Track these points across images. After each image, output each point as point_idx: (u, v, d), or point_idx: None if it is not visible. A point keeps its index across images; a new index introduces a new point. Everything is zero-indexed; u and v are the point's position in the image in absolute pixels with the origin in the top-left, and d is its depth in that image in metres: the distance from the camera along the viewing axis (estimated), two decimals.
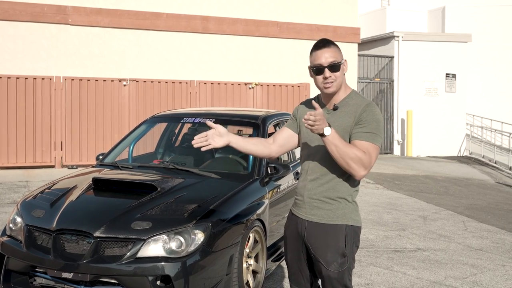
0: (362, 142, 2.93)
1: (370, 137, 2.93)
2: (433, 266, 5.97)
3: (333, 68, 2.99)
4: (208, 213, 4.23)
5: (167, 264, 3.86)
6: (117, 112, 12.48)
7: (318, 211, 3.06)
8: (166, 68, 13.82)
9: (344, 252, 3.01)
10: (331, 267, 3.01)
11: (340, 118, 3.03)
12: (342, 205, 3.04)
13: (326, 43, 3.05)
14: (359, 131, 2.95)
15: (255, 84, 13.89)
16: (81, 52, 13.08)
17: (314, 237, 3.07)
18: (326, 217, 3.04)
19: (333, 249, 3.01)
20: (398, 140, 18.04)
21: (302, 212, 3.14)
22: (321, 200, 3.05)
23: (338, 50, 3.06)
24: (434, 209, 9.20)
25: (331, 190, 3.03)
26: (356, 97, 3.10)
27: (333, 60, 2.99)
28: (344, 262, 3.02)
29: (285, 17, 15.30)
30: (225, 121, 6.26)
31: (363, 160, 2.86)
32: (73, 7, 12.98)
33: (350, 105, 3.05)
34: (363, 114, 2.97)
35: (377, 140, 2.95)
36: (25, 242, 4.13)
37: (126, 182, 4.76)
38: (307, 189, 3.11)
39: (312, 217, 3.08)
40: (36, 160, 11.80)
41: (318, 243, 3.05)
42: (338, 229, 3.03)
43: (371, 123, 2.95)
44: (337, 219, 3.03)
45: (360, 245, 3.20)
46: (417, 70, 17.99)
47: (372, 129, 2.94)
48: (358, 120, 2.96)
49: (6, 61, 12.39)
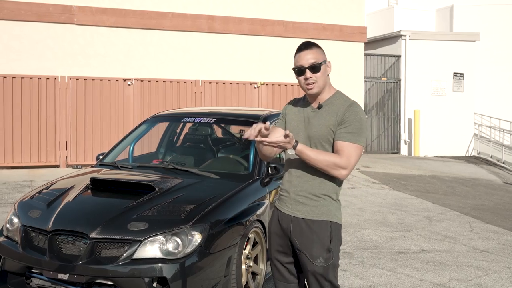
0: (343, 142, 3.03)
1: (351, 137, 3.02)
2: (437, 268, 5.88)
3: (313, 69, 3.09)
4: (206, 214, 4.17)
5: (164, 266, 3.81)
6: (122, 112, 12.46)
7: (303, 207, 3.13)
8: (172, 68, 13.79)
9: (329, 247, 3.09)
10: (317, 262, 3.08)
11: (323, 116, 3.12)
12: (327, 202, 3.12)
13: (308, 45, 3.14)
14: (341, 131, 3.04)
15: (261, 84, 13.83)
16: (87, 51, 13.06)
17: (299, 232, 3.13)
18: (312, 213, 3.11)
19: (318, 244, 3.09)
20: (405, 140, 17.92)
21: (287, 208, 3.21)
22: (307, 197, 3.12)
23: (320, 52, 3.15)
24: (440, 210, 9.10)
25: (316, 187, 3.11)
26: (341, 97, 3.18)
27: (313, 62, 3.09)
28: (329, 257, 3.10)
29: (291, 16, 15.23)
30: (226, 120, 6.23)
31: (338, 163, 2.99)
32: (79, 7, 12.97)
33: (334, 104, 3.13)
34: (346, 114, 3.05)
35: (359, 140, 3.04)
36: (21, 243, 4.09)
37: (123, 182, 4.71)
38: (293, 185, 3.17)
39: (297, 213, 3.15)
40: (41, 159, 11.79)
41: (304, 239, 3.11)
42: (323, 225, 3.10)
43: (353, 123, 3.04)
44: (322, 216, 3.10)
45: (363, 246, 3.22)
46: (425, 70, 17.86)
47: (354, 129, 3.03)
48: (341, 120, 3.05)
49: (12, 61, 12.39)
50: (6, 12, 12.39)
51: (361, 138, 3.04)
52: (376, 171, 13.09)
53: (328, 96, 3.17)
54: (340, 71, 15.87)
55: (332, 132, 3.06)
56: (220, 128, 6.63)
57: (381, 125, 17.73)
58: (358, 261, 5.98)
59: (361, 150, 3.04)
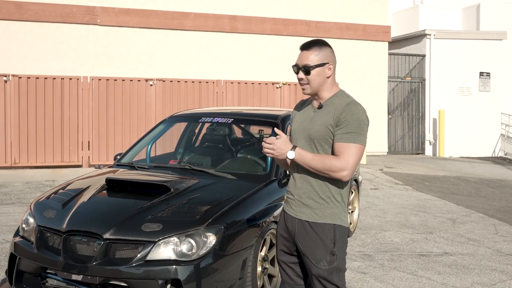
0: (340, 143, 2.98)
1: (349, 137, 2.97)
2: (460, 271, 5.75)
3: (305, 71, 3.07)
4: (221, 215, 4.12)
5: (178, 268, 3.77)
6: (143, 112, 12.49)
7: (307, 209, 3.09)
8: (194, 68, 13.79)
9: (332, 251, 3.04)
10: (320, 265, 3.04)
11: (322, 116, 3.08)
12: (331, 205, 3.07)
13: (308, 45, 3.10)
14: (339, 132, 2.99)
15: (283, 84, 13.75)
16: (109, 52, 13.14)
17: (303, 235, 3.09)
18: (315, 215, 3.07)
19: (322, 247, 3.04)
20: (429, 140, 17.67)
21: (292, 210, 3.17)
22: (311, 199, 3.08)
23: (320, 53, 3.07)
24: (464, 212, 8.92)
25: (320, 189, 3.06)
26: (342, 97, 3.11)
27: (305, 63, 3.06)
28: (333, 260, 3.05)
29: (314, 16, 15.12)
30: (244, 120, 6.18)
31: (336, 165, 2.94)
32: (102, 8, 13.05)
33: (334, 104, 3.08)
34: (342, 114, 3.00)
35: (359, 139, 2.98)
36: (36, 243, 4.09)
37: (139, 183, 4.69)
38: (297, 187, 3.14)
39: (301, 215, 3.11)
40: (64, 159, 11.88)
41: (307, 241, 3.07)
42: (326, 228, 3.05)
43: (350, 122, 2.98)
44: (325, 218, 3.05)
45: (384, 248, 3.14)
46: (450, 69, 17.58)
47: (352, 128, 2.97)
48: (338, 120, 3.00)
49: (36, 62, 12.52)
50: (31, 13, 12.52)
51: (360, 137, 2.98)
52: (399, 172, 12.92)
53: (330, 95, 3.12)
54: (363, 71, 15.74)
55: (330, 132, 3.02)
56: (239, 128, 6.58)
57: (405, 125, 17.51)
58: (378, 264, 5.88)
59: (361, 149, 2.98)
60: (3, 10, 12.31)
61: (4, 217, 7.66)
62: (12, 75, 11.60)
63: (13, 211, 8.02)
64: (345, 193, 3.12)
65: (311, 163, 2.98)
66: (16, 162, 11.56)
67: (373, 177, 11.91)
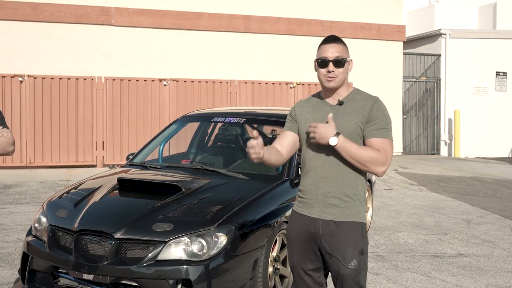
0: (376, 139, 2.98)
1: (383, 133, 2.99)
2: (474, 273, 5.68)
3: (337, 63, 3.03)
4: (232, 215, 4.11)
5: (188, 268, 3.76)
6: (157, 112, 12.53)
7: (334, 209, 3.02)
8: (208, 68, 13.80)
9: (362, 249, 3.01)
10: (350, 265, 2.98)
11: (347, 113, 3.04)
12: (357, 203, 3.04)
13: (335, 39, 3.09)
14: (372, 128, 2.99)
15: (297, 84, 13.72)
16: (124, 52, 13.19)
17: (330, 235, 3.02)
18: (343, 214, 3.01)
19: (352, 246, 2.99)
20: (445, 140, 17.51)
21: (314, 211, 3.06)
22: (338, 198, 3.01)
23: (345, 48, 3.09)
24: (479, 213, 8.83)
25: (346, 187, 3.02)
26: (361, 93, 3.12)
27: (338, 55, 3.03)
28: (362, 260, 3.01)
29: (328, 16, 15.06)
30: (256, 120, 6.16)
31: (378, 159, 2.94)
32: (116, 8, 13.11)
33: (356, 100, 3.06)
34: (373, 111, 3.00)
35: (390, 135, 3.02)
36: (48, 243, 4.11)
37: (150, 183, 4.69)
38: (320, 187, 3.04)
39: (327, 215, 3.03)
40: (78, 159, 11.96)
41: (335, 241, 3.00)
42: (355, 226, 3.02)
43: (382, 118, 3.00)
44: (354, 217, 3.02)
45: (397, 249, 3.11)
46: (466, 69, 17.41)
47: (384, 124, 2.99)
48: (369, 117, 2.99)
49: (51, 62, 12.60)
50: (46, 14, 12.60)
51: (391, 133, 3.03)
52: (414, 172, 12.82)
53: (347, 92, 3.10)
54: (378, 70, 15.65)
55: (360, 129, 2.98)
56: (252, 128, 6.56)
57: (420, 125, 17.38)
58: (391, 265, 5.83)
59: (392, 144, 3.01)
60: (19, 11, 12.40)
61: (18, 216, 7.72)
62: (28, 76, 11.70)
63: (28, 211, 8.08)
64: (364, 192, 3.12)
65: (354, 152, 2.90)
66: (31, 162, 11.65)
67: (387, 178, 11.84)
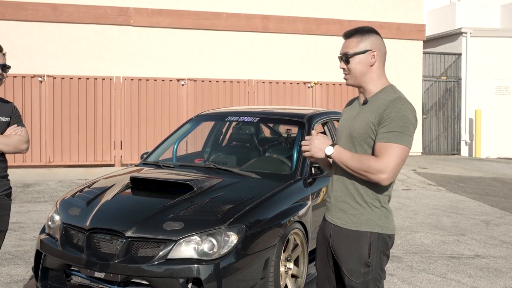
0: (380, 143, 2.71)
1: (391, 137, 2.68)
2: (492, 274, 5.59)
3: (345, 59, 2.87)
4: (244, 214, 4.09)
5: (199, 267, 3.75)
6: (175, 112, 12.58)
7: (343, 214, 2.86)
8: (226, 68, 13.81)
9: (367, 262, 2.78)
10: (353, 277, 2.80)
11: (365, 113, 2.83)
12: (368, 211, 2.80)
13: (349, 33, 2.91)
14: (381, 131, 2.72)
15: (314, 83, 13.66)
16: (142, 52, 13.26)
17: (337, 243, 2.87)
18: (350, 222, 2.83)
19: (356, 257, 2.80)
20: (465, 140, 17.31)
21: (329, 215, 2.96)
22: (347, 203, 2.84)
23: (362, 40, 2.85)
24: (498, 214, 8.70)
25: (356, 193, 2.82)
26: (388, 91, 2.84)
27: (345, 51, 2.87)
28: (367, 272, 2.79)
29: (347, 15, 14.98)
30: (270, 119, 6.14)
31: (374, 166, 2.67)
32: (135, 9, 13.18)
33: (379, 100, 2.81)
34: (385, 111, 2.72)
35: (402, 139, 2.68)
36: (60, 241, 4.13)
37: (163, 182, 4.69)
38: (334, 189, 2.92)
39: (337, 220, 2.89)
40: (97, 158, 12.05)
41: (341, 250, 2.85)
42: (361, 236, 2.80)
43: (394, 121, 2.69)
44: (361, 226, 2.80)
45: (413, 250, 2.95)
46: (487, 68, 17.19)
47: (395, 127, 2.68)
48: (381, 118, 2.73)
49: (71, 62, 12.71)
50: (66, 15, 12.72)
51: (404, 137, 2.66)
52: (433, 173, 12.69)
53: (377, 89, 2.86)
54: (397, 70, 15.52)
55: (372, 131, 2.75)
56: (266, 127, 6.55)
57: (441, 125, 17.20)
58: (406, 266, 5.77)
59: (404, 150, 2.67)
60: (39, 12, 12.53)
61: (36, 214, 7.80)
62: (47, 76, 11.82)
63: (46, 209, 8.16)
64: (385, 198, 2.83)
65: (348, 162, 2.73)
66: (51, 161, 11.77)
67: (405, 178, 11.73)
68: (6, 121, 3.75)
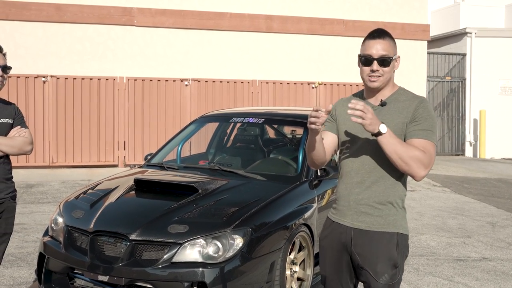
0: (419, 140, 2.72)
1: (427, 135, 2.73)
2: (499, 278, 5.54)
3: (382, 62, 2.79)
4: (249, 217, 4.05)
5: (204, 270, 3.72)
6: (178, 112, 12.54)
7: (367, 217, 2.81)
8: (230, 68, 13.76)
9: (396, 263, 2.78)
10: (381, 279, 2.77)
11: (390, 114, 2.80)
12: (393, 211, 2.80)
13: (381, 34, 2.85)
14: (415, 128, 2.74)
15: (319, 84, 13.61)
16: (146, 53, 13.21)
17: (361, 246, 2.81)
18: (376, 224, 2.79)
19: (384, 259, 2.77)
20: (470, 141, 17.23)
21: (347, 219, 2.87)
22: (370, 205, 2.79)
23: (392, 44, 2.85)
24: (504, 215, 8.63)
25: (380, 194, 2.79)
26: (406, 93, 2.88)
27: (384, 54, 2.79)
28: (395, 274, 2.79)
29: (351, 15, 14.91)
30: (275, 120, 6.10)
31: (423, 159, 2.67)
32: (138, 9, 13.14)
33: (400, 101, 2.83)
34: (418, 111, 2.76)
35: (434, 138, 2.75)
36: (64, 243, 4.10)
37: (167, 184, 4.65)
38: (353, 193, 2.84)
39: (359, 224, 2.82)
40: (100, 159, 12.02)
41: (367, 253, 2.79)
42: (389, 237, 2.78)
43: (427, 119, 2.75)
44: (388, 227, 2.79)
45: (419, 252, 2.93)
46: (492, 68, 17.11)
47: (428, 126, 2.74)
48: (413, 117, 2.76)
49: (74, 62, 12.68)
50: (69, 15, 12.69)
51: (435, 137, 2.76)
52: (437, 174, 12.62)
53: (391, 92, 2.87)
54: (402, 70, 15.44)
55: (401, 132, 2.76)
56: (271, 128, 6.50)
57: (445, 126, 17.13)
58: (413, 268, 5.72)
59: (436, 148, 2.76)
60: (43, 12, 12.50)
61: (39, 215, 7.76)
62: (51, 76, 11.79)
63: (49, 210, 8.12)
64: (404, 198, 2.87)
65: (399, 146, 2.62)
66: (54, 162, 11.74)
67: (409, 179, 11.58)
68: (10, 123, 3.72)
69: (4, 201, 3.64)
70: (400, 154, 2.64)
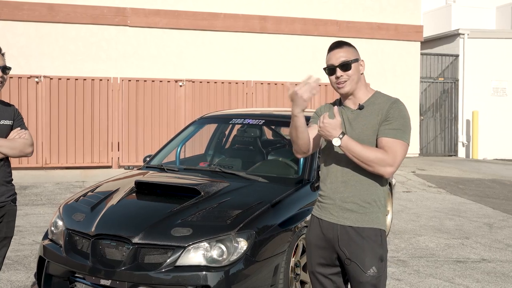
0: (387, 139, 2.90)
1: (396, 134, 2.90)
2: (499, 279, 5.53)
3: (344, 67, 2.98)
4: (253, 219, 4.01)
5: (208, 274, 3.67)
6: (173, 113, 12.46)
7: (352, 214, 2.97)
8: (223, 69, 13.72)
9: (382, 256, 2.97)
10: (369, 272, 2.94)
11: (366, 117, 2.99)
12: (375, 209, 2.98)
13: (339, 44, 3.06)
14: (386, 128, 2.92)
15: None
16: (140, 53, 13.15)
17: (348, 241, 2.97)
18: (361, 220, 2.96)
19: (371, 253, 2.94)
20: (463, 142, 17.29)
21: (332, 216, 3.03)
22: (355, 203, 2.97)
23: (352, 50, 3.04)
24: (501, 216, 8.64)
25: (364, 193, 2.96)
26: (382, 96, 3.06)
27: (344, 60, 2.99)
28: (381, 267, 2.97)
29: (345, 16, 14.92)
30: (275, 122, 6.06)
31: (385, 159, 2.86)
32: (132, 9, 13.07)
33: (376, 103, 3.01)
34: (390, 111, 2.93)
35: (404, 137, 2.91)
36: (64, 247, 4.03)
37: (168, 186, 4.59)
38: (338, 191, 3.00)
39: (344, 220, 2.99)
40: (94, 160, 11.92)
41: (354, 248, 2.96)
42: (374, 233, 2.97)
43: (398, 119, 2.92)
44: (373, 223, 2.97)
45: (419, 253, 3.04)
46: (484, 69, 17.17)
47: (399, 125, 2.91)
48: (385, 117, 2.93)
49: (67, 63, 12.59)
50: (62, 15, 12.59)
51: (406, 135, 2.92)
52: (432, 174, 12.64)
53: (367, 96, 3.04)
54: (395, 71, 15.48)
55: (376, 132, 2.94)
56: (270, 129, 6.47)
57: (438, 126, 17.17)
58: (413, 270, 5.69)
59: (407, 147, 2.91)
60: (35, 12, 12.40)
61: (34, 218, 7.68)
62: (44, 76, 11.68)
63: (44, 212, 8.04)
64: (386, 196, 3.04)
65: (359, 152, 2.83)
66: (47, 163, 11.63)
67: (405, 180, 11.68)
68: (9, 124, 3.67)
69: (5, 204, 3.58)
70: (361, 158, 2.85)
